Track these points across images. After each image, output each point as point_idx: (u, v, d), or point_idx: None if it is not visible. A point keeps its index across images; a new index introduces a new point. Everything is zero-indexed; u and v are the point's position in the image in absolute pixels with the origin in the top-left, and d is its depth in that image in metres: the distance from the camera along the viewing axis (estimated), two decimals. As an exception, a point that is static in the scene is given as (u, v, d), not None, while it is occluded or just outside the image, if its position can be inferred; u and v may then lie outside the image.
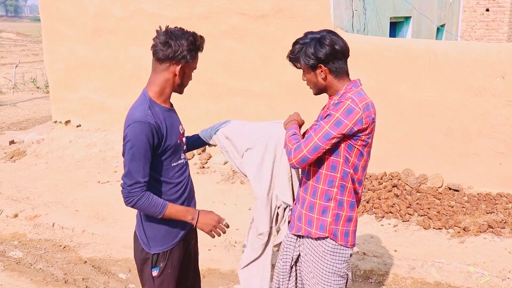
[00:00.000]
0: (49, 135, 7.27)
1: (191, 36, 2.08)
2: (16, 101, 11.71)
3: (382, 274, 3.69)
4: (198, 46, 2.11)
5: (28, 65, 17.81)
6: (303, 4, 5.32)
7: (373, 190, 5.02)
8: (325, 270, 2.15)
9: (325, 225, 2.12)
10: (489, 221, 4.27)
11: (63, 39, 6.95)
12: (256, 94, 5.80)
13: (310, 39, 2.07)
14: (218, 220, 2.19)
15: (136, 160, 2.01)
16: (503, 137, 4.73)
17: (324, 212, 2.13)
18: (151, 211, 2.07)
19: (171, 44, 2.05)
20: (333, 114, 1.99)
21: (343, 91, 2.08)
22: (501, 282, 3.45)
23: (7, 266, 3.94)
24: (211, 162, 6.08)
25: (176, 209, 2.12)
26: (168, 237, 2.19)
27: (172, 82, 2.13)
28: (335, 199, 2.12)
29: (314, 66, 2.07)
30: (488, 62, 4.68)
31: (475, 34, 12.52)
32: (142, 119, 2.01)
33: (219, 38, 5.88)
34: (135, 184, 2.02)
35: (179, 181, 2.22)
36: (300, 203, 2.24)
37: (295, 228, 2.24)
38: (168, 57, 2.07)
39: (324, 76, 2.08)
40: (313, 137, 2.00)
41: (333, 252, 2.14)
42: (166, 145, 2.11)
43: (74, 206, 5.11)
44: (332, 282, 2.16)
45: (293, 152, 2.04)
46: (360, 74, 5.19)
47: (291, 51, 2.12)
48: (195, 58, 2.13)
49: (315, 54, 2.04)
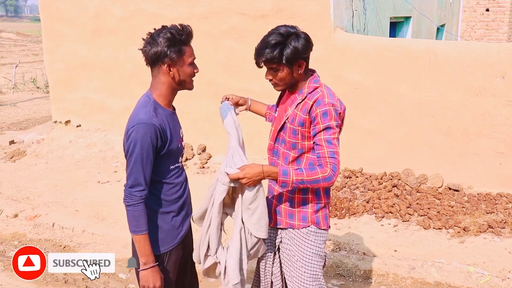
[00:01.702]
0: (49, 135, 7.27)
1: (168, 32, 2.01)
2: (16, 101, 11.72)
3: (382, 274, 3.69)
4: (179, 39, 2.03)
5: (28, 65, 17.82)
6: (303, 4, 5.32)
7: (373, 190, 5.02)
8: (309, 252, 2.26)
9: (306, 216, 2.24)
10: (489, 221, 4.27)
11: (63, 39, 6.95)
12: (256, 94, 5.78)
13: (284, 36, 2.07)
14: (158, 285, 2.07)
15: (138, 162, 1.99)
16: (503, 137, 4.73)
17: (304, 204, 2.24)
18: (132, 223, 2.03)
19: (150, 46, 2.02)
20: (331, 125, 2.07)
21: (307, 89, 2.15)
22: (501, 282, 3.45)
23: (7, 266, 3.94)
24: (211, 162, 6.08)
25: (145, 243, 2.04)
26: (167, 238, 2.18)
27: (170, 83, 2.10)
28: (312, 191, 2.22)
29: (294, 61, 2.09)
30: (488, 62, 4.68)
31: (475, 34, 12.52)
32: (147, 121, 1.99)
33: (219, 38, 5.88)
34: (137, 186, 2.01)
35: (178, 182, 2.21)
36: (276, 198, 2.30)
37: (274, 221, 2.32)
38: (152, 60, 2.05)
39: (301, 71, 2.13)
40: (336, 150, 2.07)
41: (315, 235, 2.26)
42: (169, 148, 2.09)
43: (74, 206, 5.11)
44: (315, 263, 2.27)
45: (334, 174, 2.05)
46: (360, 74, 5.21)
47: (267, 53, 2.07)
48: (182, 51, 2.05)
49: (299, 50, 2.07)
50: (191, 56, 2.11)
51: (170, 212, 2.18)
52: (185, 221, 2.27)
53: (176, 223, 2.20)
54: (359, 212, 4.64)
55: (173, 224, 2.18)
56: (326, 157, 2.06)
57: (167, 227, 2.17)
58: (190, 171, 5.86)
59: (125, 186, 2.04)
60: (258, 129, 4.64)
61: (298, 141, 2.17)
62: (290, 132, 2.17)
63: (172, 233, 2.19)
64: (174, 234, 2.20)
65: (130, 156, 2.01)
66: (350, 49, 5.21)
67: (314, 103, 2.09)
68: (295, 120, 2.15)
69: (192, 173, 5.84)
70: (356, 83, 5.19)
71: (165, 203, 2.16)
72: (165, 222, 2.15)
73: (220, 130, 6.24)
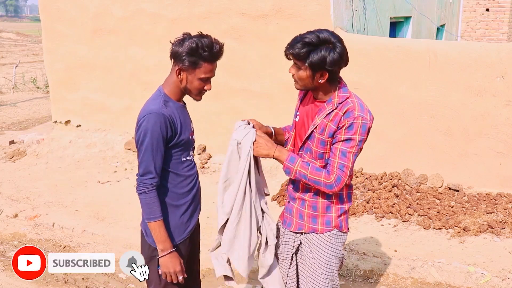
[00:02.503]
0: (49, 135, 7.27)
1: (195, 42, 2.05)
2: (16, 101, 11.72)
3: (382, 274, 3.69)
4: (200, 53, 2.05)
5: (28, 65, 17.81)
6: (303, 4, 5.32)
7: (373, 190, 5.02)
8: (329, 255, 2.25)
9: (330, 220, 2.23)
10: (489, 221, 4.27)
11: (63, 39, 6.95)
12: (256, 94, 5.80)
13: (320, 42, 2.01)
14: (178, 270, 2.13)
15: (149, 151, 2.04)
16: (503, 137, 4.73)
17: (328, 209, 2.22)
18: (146, 210, 2.09)
19: (176, 44, 2.09)
20: (354, 138, 2.05)
21: (337, 99, 2.10)
22: (501, 282, 3.45)
23: (7, 266, 3.95)
24: (211, 162, 6.08)
25: (161, 230, 2.10)
26: (175, 232, 2.20)
27: (178, 84, 2.15)
28: (336, 195, 2.21)
29: (318, 69, 2.04)
30: (488, 62, 4.68)
31: (475, 34, 12.52)
32: (157, 111, 2.04)
33: (219, 38, 5.84)
34: (147, 174, 2.06)
35: (190, 174, 2.24)
36: (299, 203, 2.28)
37: (295, 226, 2.29)
38: (172, 55, 2.12)
39: (323, 81, 2.07)
40: (347, 164, 2.06)
41: (336, 238, 2.26)
42: (180, 139, 2.14)
43: (74, 206, 5.11)
44: (333, 265, 2.28)
45: (336, 185, 2.07)
46: (360, 74, 5.21)
47: (296, 48, 2.03)
48: (197, 65, 2.07)
49: (326, 61, 2.01)
50: (206, 74, 2.11)
51: (180, 206, 2.21)
52: (193, 216, 2.30)
53: (185, 217, 2.23)
54: (359, 212, 4.64)
55: (182, 218, 2.21)
56: (334, 167, 2.07)
57: (176, 220, 2.20)
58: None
59: (137, 175, 2.09)
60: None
61: (326, 151, 2.14)
62: (318, 142, 2.13)
63: (181, 227, 2.22)
64: (183, 228, 2.23)
65: (140, 145, 2.06)
66: (350, 49, 5.13)
67: (344, 115, 2.06)
68: (325, 131, 2.11)
69: (192, 173, 5.83)
70: (356, 83, 5.19)
71: (176, 196, 2.19)
72: (174, 215, 2.19)
73: (220, 130, 6.26)
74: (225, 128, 6.02)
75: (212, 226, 4.57)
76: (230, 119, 6.05)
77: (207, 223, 4.62)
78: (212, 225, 4.59)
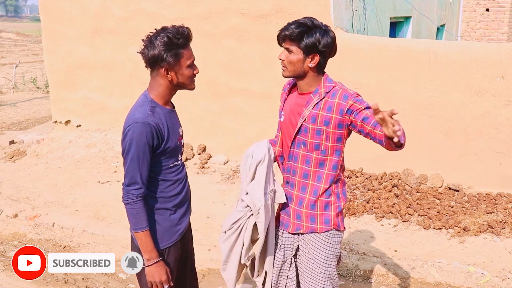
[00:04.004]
0: (49, 135, 7.27)
1: (166, 35, 2.00)
2: (16, 101, 11.72)
3: (382, 274, 3.69)
4: (176, 43, 2.02)
5: (28, 65, 17.81)
6: (303, 4, 5.32)
7: (373, 190, 5.02)
8: (328, 254, 2.27)
9: (329, 219, 2.24)
10: (489, 221, 4.27)
11: (63, 39, 6.95)
12: (256, 94, 5.80)
13: (314, 25, 2.06)
14: (164, 279, 2.11)
15: (134, 161, 2.01)
16: (503, 137, 4.73)
17: (327, 207, 2.23)
18: (132, 220, 2.06)
19: (148, 49, 2.03)
20: (367, 104, 2.05)
21: (324, 89, 2.12)
22: (501, 282, 3.45)
23: (7, 266, 3.94)
24: (211, 162, 6.08)
25: (147, 240, 2.08)
26: (165, 235, 2.18)
27: (168, 85, 2.10)
28: (334, 193, 2.24)
29: (311, 52, 2.06)
30: (488, 62, 4.68)
31: (475, 34, 12.51)
32: (142, 120, 2.00)
33: (219, 38, 5.88)
34: (133, 184, 2.03)
35: (178, 178, 2.21)
36: (296, 203, 2.27)
37: (293, 226, 2.29)
38: (150, 62, 2.06)
39: (313, 66, 2.09)
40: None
41: (334, 237, 2.28)
42: (166, 146, 2.10)
43: (74, 206, 5.11)
44: (332, 263, 2.29)
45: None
46: (360, 74, 5.21)
47: (290, 29, 2.06)
48: (180, 55, 2.04)
49: (320, 42, 2.05)
50: (190, 59, 2.09)
51: (168, 209, 2.19)
52: (184, 218, 2.27)
53: (175, 219, 2.21)
54: (359, 212, 4.65)
55: (172, 221, 2.19)
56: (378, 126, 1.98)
57: (165, 223, 2.18)
58: (190, 171, 5.86)
59: (123, 184, 2.06)
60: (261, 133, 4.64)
61: (322, 141, 2.12)
62: (313, 132, 2.12)
63: (171, 230, 2.20)
64: (173, 230, 2.21)
65: (126, 155, 2.03)
66: (350, 49, 5.20)
67: (341, 100, 2.07)
68: (317, 120, 2.10)
69: (192, 173, 5.84)
70: (356, 83, 5.19)
71: (163, 200, 2.17)
72: (163, 218, 2.16)
73: (220, 130, 6.27)
74: (225, 128, 6.02)
75: (212, 226, 4.57)
76: (230, 119, 6.05)
77: (207, 223, 4.63)
78: (212, 225, 4.59)
